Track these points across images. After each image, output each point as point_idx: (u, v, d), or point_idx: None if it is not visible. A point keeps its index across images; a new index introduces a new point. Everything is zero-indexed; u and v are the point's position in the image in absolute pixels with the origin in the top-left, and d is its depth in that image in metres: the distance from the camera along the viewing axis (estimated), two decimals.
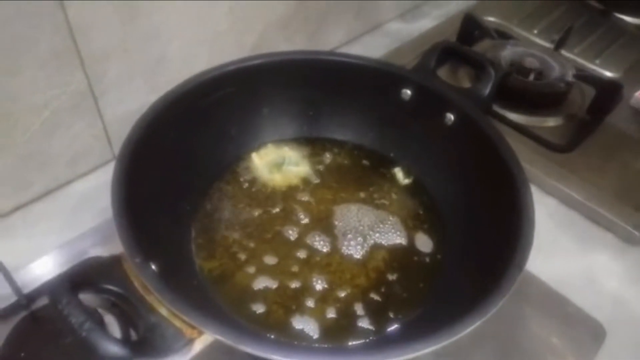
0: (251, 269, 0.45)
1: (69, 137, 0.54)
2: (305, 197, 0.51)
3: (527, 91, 0.69)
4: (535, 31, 0.83)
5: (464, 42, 0.77)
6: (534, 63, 0.73)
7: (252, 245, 0.47)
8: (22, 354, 0.41)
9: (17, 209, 0.54)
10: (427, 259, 0.48)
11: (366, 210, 0.51)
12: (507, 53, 0.73)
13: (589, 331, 0.49)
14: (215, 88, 0.48)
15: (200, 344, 0.34)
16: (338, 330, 0.42)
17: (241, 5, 0.61)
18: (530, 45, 0.77)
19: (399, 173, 0.54)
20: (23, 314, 0.44)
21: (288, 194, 0.51)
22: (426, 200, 0.52)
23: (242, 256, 0.46)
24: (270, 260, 0.46)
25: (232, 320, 0.41)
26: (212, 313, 0.39)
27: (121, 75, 0.54)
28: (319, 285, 0.45)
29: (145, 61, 0.55)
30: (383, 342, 0.41)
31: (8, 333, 0.42)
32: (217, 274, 0.44)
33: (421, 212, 0.51)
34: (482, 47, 0.77)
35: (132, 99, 0.56)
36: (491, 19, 0.85)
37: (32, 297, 0.45)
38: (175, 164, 0.46)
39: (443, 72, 0.69)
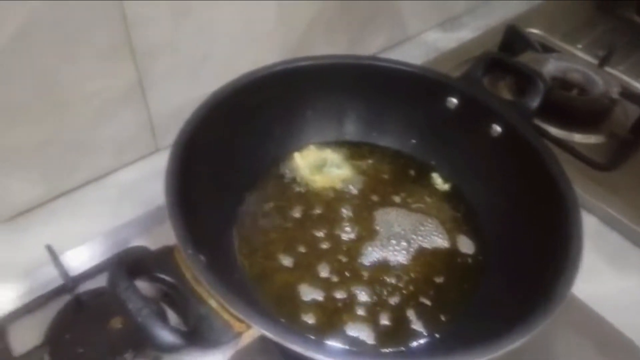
0: (293, 270, 0.45)
1: (116, 126, 0.55)
2: (345, 201, 0.51)
3: (569, 106, 0.68)
4: (580, 46, 0.82)
5: (505, 52, 0.76)
6: (577, 78, 0.72)
7: (292, 247, 0.47)
8: (67, 336, 0.42)
9: (63, 194, 0.55)
10: (470, 260, 0.48)
11: (405, 214, 0.51)
12: (550, 67, 0.72)
13: (626, 353, 0.48)
14: (262, 88, 0.49)
15: (247, 337, 0.34)
16: (392, 336, 0.42)
17: (288, 6, 0.61)
18: (574, 59, 0.76)
19: (437, 179, 0.54)
20: (68, 297, 0.45)
21: (328, 196, 0.52)
22: (464, 208, 0.52)
23: (284, 257, 0.46)
24: (312, 264, 0.46)
25: (274, 317, 0.41)
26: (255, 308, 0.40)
27: (169, 70, 0.55)
28: (369, 291, 0.44)
29: (192, 58, 0.56)
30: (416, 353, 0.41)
31: (54, 315, 0.43)
32: (257, 271, 0.45)
33: (459, 216, 0.51)
34: (524, 59, 0.76)
35: (176, 94, 0.57)
36: (534, 31, 0.84)
37: (77, 281, 0.46)
38: (222, 160, 0.47)
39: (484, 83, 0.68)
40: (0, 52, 0.43)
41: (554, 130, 0.67)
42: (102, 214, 0.54)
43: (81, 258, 0.50)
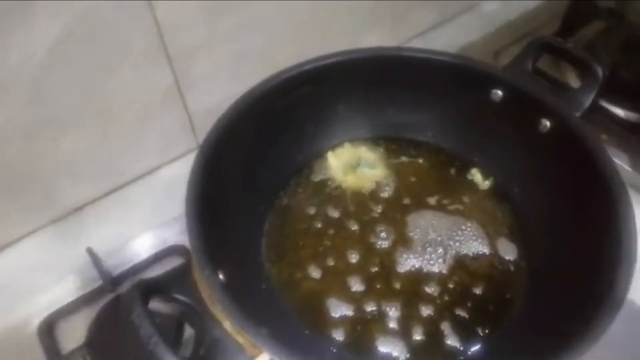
0: (321, 279, 0.45)
1: (157, 128, 0.57)
2: (377, 204, 0.49)
3: None
4: None
5: (570, 25, 0.69)
6: None
7: (321, 253, 0.46)
8: (106, 337, 0.44)
9: (110, 192, 0.58)
10: (512, 267, 0.45)
11: (441, 218, 0.48)
12: (621, 38, 0.65)
13: None
14: (292, 88, 0.47)
15: None
16: (426, 351, 0.41)
17: None
18: None
19: (477, 175, 0.51)
20: (110, 296, 0.48)
21: (360, 198, 0.50)
22: (506, 207, 0.49)
23: (312, 264, 0.46)
24: (341, 273, 0.45)
25: (300, 330, 0.41)
26: (279, 321, 0.40)
27: (206, 70, 0.55)
28: (402, 303, 0.43)
29: (230, 56, 0.56)
30: None
31: (95, 315, 0.46)
32: (284, 279, 0.45)
33: (501, 217, 0.48)
34: (591, 31, 0.68)
35: (216, 92, 0.57)
36: None
37: (116, 281, 0.49)
38: (251, 163, 0.47)
39: (544, 62, 0.62)
40: (40, 66, 0.44)
41: (622, 112, 0.60)
42: (147, 211, 0.56)
43: (127, 256, 0.52)
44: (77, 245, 0.52)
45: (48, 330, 0.45)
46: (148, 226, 0.55)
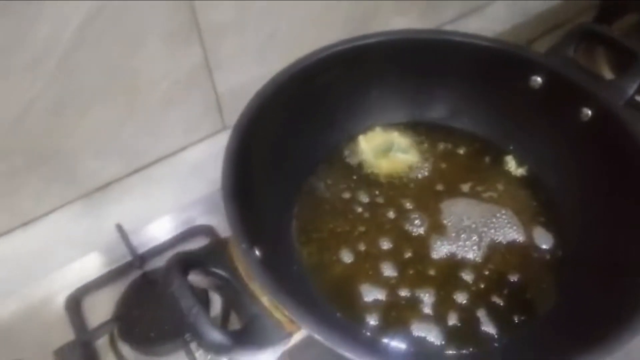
0: (353, 264, 0.44)
1: (184, 106, 0.56)
2: (410, 190, 0.49)
3: None
4: None
5: (605, 15, 0.67)
6: None
7: (352, 237, 0.46)
8: (135, 312, 0.44)
9: (136, 171, 0.58)
10: (548, 256, 0.45)
11: (475, 205, 0.47)
12: None
13: None
14: (323, 69, 0.46)
15: (298, 336, 0.34)
16: (461, 337, 0.40)
17: None
18: None
19: (511, 162, 0.50)
20: (138, 272, 0.47)
21: (393, 183, 0.49)
22: (542, 196, 0.48)
23: (343, 249, 0.45)
24: (373, 257, 0.44)
25: (332, 312, 0.41)
26: (311, 302, 0.39)
27: (235, 50, 0.54)
28: (436, 289, 0.42)
29: (258, 37, 0.55)
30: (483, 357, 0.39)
31: (123, 290, 0.46)
32: (315, 261, 0.44)
33: (536, 205, 0.47)
34: (627, 22, 0.67)
35: (243, 73, 0.56)
36: None
37: (144, 258, 0.48)
38: (282, 145, 0.46)
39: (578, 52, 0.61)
40: (69, 44, 0.44)
41: None
42: (172, 191, 0.56)
43: (151, 235, 0.52)
44: (103, 221, 0.51)
45: (75, 304, 0.45)
46: (173, 205, 0.54)
